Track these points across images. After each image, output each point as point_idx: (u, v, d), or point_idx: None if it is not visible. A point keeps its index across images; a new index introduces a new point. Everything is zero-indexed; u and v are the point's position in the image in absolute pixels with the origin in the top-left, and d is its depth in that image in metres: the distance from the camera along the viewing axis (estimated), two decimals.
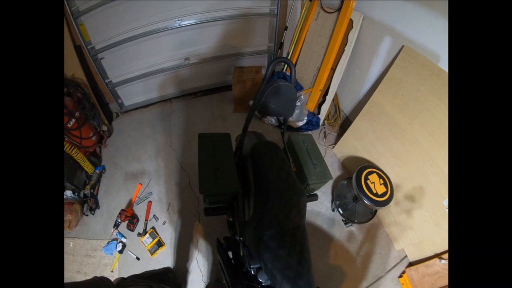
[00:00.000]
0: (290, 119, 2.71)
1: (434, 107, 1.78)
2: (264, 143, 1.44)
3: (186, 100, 2.85)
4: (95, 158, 2.15)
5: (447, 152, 1.75)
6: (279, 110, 1.42)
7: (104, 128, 2.26)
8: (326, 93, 2.65)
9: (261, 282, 1.19)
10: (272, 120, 2.84)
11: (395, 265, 1.98)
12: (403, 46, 1.91)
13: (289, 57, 2.81)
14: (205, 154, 1.40)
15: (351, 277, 1.92)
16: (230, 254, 1.50)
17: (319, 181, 1.84)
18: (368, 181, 1.98)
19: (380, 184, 1.98)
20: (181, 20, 2.11)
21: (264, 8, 2.38)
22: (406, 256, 2.02)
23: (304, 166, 1.85)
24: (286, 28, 2.63)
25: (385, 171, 2.07)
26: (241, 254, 1.37)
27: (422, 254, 1.90)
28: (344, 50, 2.30)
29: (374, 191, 1.94)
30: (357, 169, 2.04)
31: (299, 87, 2.86)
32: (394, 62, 1.97)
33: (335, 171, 2.53)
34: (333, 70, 2.48)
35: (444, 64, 1.70)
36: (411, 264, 1.97)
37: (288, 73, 2.84)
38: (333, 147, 2.70)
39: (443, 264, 1.71)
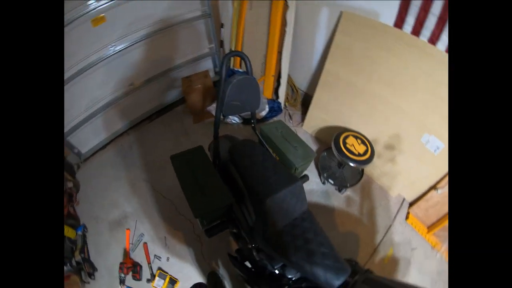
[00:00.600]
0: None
1: (385, 61, 1.90)
2: (240, 143, 1.40)
3: (143, 127, 2.67)
4: (72, 219, 1.90)
5: (407, 94, 1.90)
6: (245, 105, 1.39)
7: (70, 184, 2.00)
8: (279, 77, 2.68)
9: (291, 278, 1.18)
10: (235, 118, 2.80)
11: (398, 211, 2.12)
12: (341, 12, 2.00)
13: None
14: (184, 176, 1.32)
15: (364, 237, 2.01)
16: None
17: (305, 162, 1.87)
18: (347, 145, 2.06)
19: (359, 144, 2.08)
20: (114, 45, 1.93)
21: (196, 11, 2.29)
22: (404, 199, 2.17)
23: (286, 152, 1.86)
24: (222, 26, 2.59)
25: (358, 131, 2.18)
26: (257, 259, 1.33)
27: (418, 191, 2.06)
28: (285, 31, 2.34)
29: (356, 152, 2.03)
30: (333, 137, 2.11)
31: None
32: (336, 29, 2.06)
33: (312, 147, 2.58)
34: (279, 53, 2.51)
35: (384, 18, 1.82)
36: (411, 204, 2.12)
37: (237, 69, 2.81)
38: (302, 125, 2.76)
39: (440, 193, 1.86)
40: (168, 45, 2.38)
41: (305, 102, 2.83)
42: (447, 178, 1.85)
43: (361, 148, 2.06)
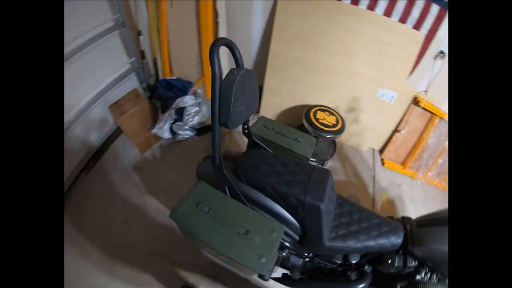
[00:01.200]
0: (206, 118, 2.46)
1: (332, 32, 1.99)
2: (245, 160, 1.19)
3: (82, 182, 2.01)
4: None
5: (355, 59, 2.07)
6: (251, 108, 1.09)
7: None
8: None
9: (355, 262, 1.23)
10: (187, 132, 2.47)
11: (374, 162, 2.39)
12: None
13: (158, 61, 2.37)
14: (205, 227, 0.99)
15: (360, 194, 2.20)
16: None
17: (311, 150, 1.82)
18: (319, 120, 2.12)
19: (329, 116, 2.18)
20: None
21: (108, 22, 1.78)
22: (374, 149, 2.45)
23: (290, 147, 1.74)
24: (140, 33, 2.12)
25: (320, 104, 2.27)
26: (309, 263, 1.33)
27: (384, 139, 2.37)
28: (218, 22, 2.12)
29: (330, 124, 2.12)
30: (303, 116, 2.14)
31: (188, 84, 2.53)
32: (276, 10, 1.99)
33: None
34: None
35: None
36: (381, 151, 2.42)
37: (170, 77, 2.44)
38: (259, 115, 2.68)
39: (402, 133, 2.19)
40: (81, 73, 1.81)
41: None
42: (405, 119, 2.18)
43: (332, 119, 2.16)
